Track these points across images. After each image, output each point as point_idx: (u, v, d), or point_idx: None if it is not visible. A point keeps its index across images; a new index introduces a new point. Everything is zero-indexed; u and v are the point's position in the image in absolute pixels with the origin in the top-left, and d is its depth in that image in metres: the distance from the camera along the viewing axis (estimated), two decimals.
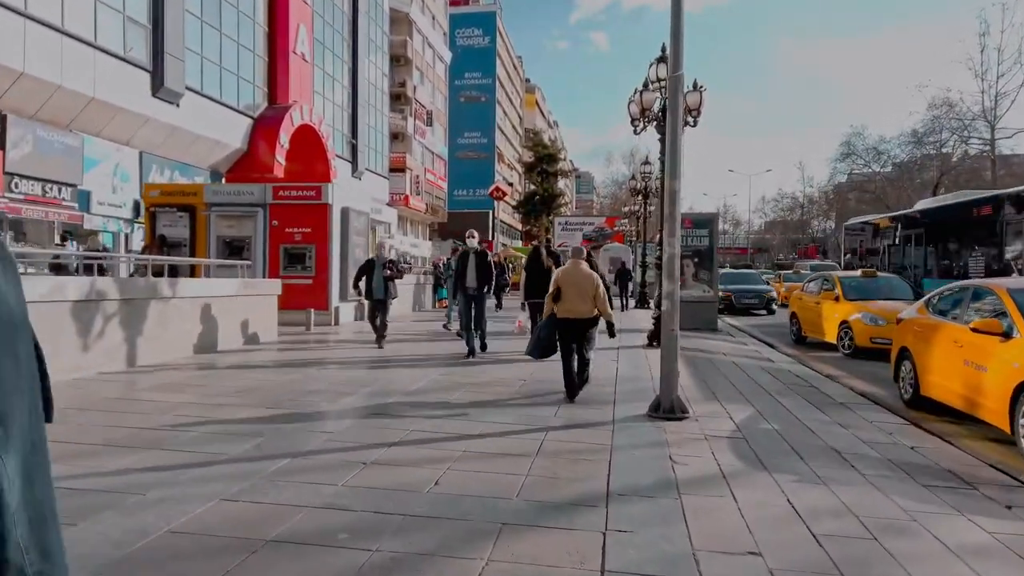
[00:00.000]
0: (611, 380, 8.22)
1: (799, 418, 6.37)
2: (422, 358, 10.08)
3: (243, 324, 10.56)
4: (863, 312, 11.53)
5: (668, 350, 6.24)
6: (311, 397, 6.77)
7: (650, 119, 11.73)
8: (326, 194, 13.60)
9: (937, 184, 58.52)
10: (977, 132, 44.24)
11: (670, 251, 6.26)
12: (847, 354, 11.70)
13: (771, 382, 8.50)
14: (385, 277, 10.87)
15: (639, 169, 23.32)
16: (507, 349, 11.05)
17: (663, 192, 11.95)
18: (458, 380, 7.98)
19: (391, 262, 11.13)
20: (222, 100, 25.98)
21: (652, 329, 11.93)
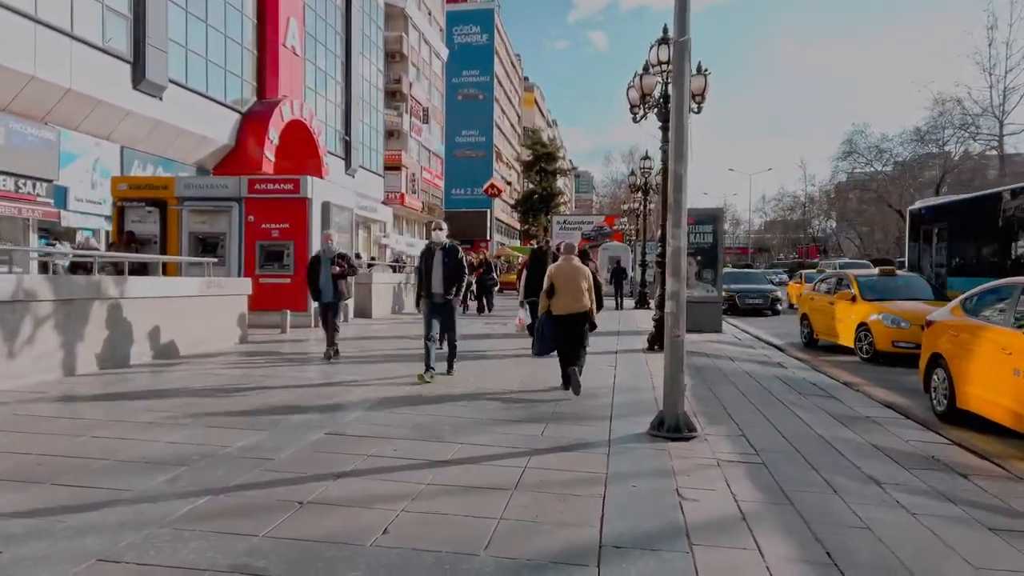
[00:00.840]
0: (607, 390, 7.37)
1: (822, 436, 5.51)
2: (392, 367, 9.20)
3: (206, 327, 9.70)
4: (883, 313, 10.62)
5: (672, 358, 5.39)
6: (260, 412, 5.91)
7: (651, 105, 10.88)
8: (305, 188, 12.75)
9: (940, 183, 57.84)
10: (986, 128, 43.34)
11: (675, 244, 5.41)
12: (865, 359, 10.83)
13: (785, 391, 7.64)
14: (334, 275, 9.31)
15: (639, 165, 22.47)
16: (502, 348, 10.20)
17: (665, 183, 11.10)
18: (433, 391, 7.13)
19: (341, 256, 9.48)
20: (208, 94, 25.13)
21: (653, 332, 11.08)
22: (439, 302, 7.90)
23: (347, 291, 9.61)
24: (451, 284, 7.89)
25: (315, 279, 9.35)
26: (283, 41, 29.29)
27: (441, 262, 7.86)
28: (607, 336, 13.18)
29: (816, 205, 75.73)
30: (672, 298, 5.41)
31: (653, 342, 10.94)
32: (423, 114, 53.27)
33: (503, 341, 12.00)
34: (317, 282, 9.33)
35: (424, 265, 8.00)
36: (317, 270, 9.37)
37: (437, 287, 7.87)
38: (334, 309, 9.39)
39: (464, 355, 9.76)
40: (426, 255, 8.02)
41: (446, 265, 7.86)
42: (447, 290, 7.88)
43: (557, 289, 7.26)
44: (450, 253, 7.95)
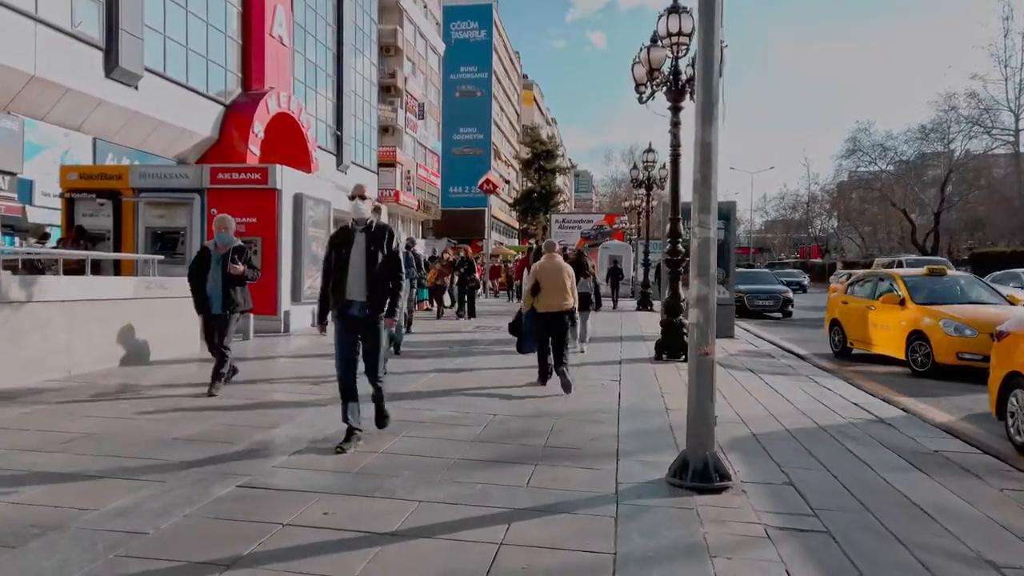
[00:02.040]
0: (611, 413, 6.11)
1: (894, 485, 4.25)
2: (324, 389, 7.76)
3: (149, 334, 8.43)
4: (944, 320, 9.13)
5: (699, 383, 4.14)
6: (163, 450, 4.66)
7: (659, 82, 9.62)
8: (274, 178, 11.48)
9: (945, 181, 56.70)
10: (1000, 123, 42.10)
11: (703, 235, 4.15)
12: (920, 372, 9.32)
13: (825, 414, 6.38)
14: (228, 275, 6.71)
15: (641, 158, 21.20)
16: (489, 362, 8.96)
17: (675, 172, 9.87)
18: (399, 417, 5.86)
19: (237, 251, 6.85)
20: (189, 84, 23.86)
21: (660, 338, 9.83)
22: (358, 317, 4.88)
23: (244, 300, 6.96)
24: (379, 289, 4.91)
25: (200, 282, 6.75)
26: (269, 31, 28.03)
27: (364, 252, 4.88)
28: (609, 343, 11.93)
29: (818, 204, 74.68)
30: (699, 305, 4.15)
31: (661, 350, 9.69)
32: (419, 110, 52.00)
33: (495, 353, 10.74)
34: (203, 286, 6.74)
35: (336, 256, 4.98)
36: (204, 269, 6.78)
37: (356, 291, 4.87)
38: (222, 325, 6.79)
39: (444, 368, 8.51)
40: (339, 241, 5.02)
41: (371, 256, 4.87)
42: (373, 299, 4.88)
43: (542, 287, 7.37)
44: (377, 237, 4.93)
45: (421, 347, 10.70)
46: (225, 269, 6.68)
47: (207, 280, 6.73)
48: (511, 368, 8.66)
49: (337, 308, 4.90)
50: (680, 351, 9.61)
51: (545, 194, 65.93)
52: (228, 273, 6.69)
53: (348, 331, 4.91)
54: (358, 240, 4.91)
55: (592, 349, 10.95)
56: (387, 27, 46.85)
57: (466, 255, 17.84)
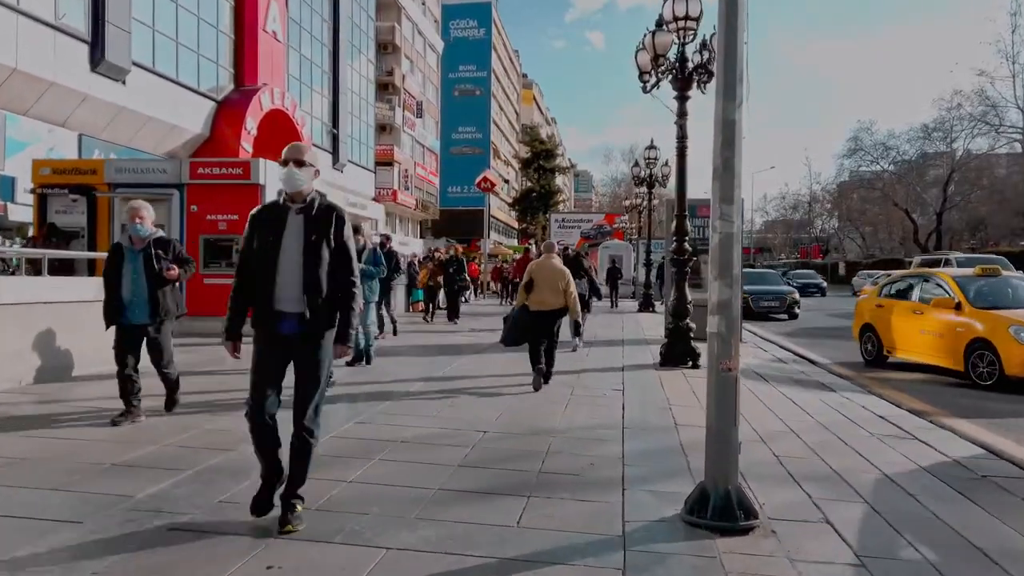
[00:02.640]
0: (615, 429, 5.48)
1: (945, 521, 3.63)
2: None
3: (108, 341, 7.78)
4: (1015, 326, 8.05)
5: (721, 405, 3.52)
6: (96, 480, 4.03)
7: (664, 70, 9.01)
8: (256, 172, 10.87)
9: (947, 181, 56.15)
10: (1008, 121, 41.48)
11: (726, 229, 3.53)
12: (985, 385, 8.23)
13: (848, 428, 5.76)
14: (156, 275, 5.41)
15: (643, 155, 20.57)
16: (486, 368, 8.33)
17: (681, 164, 9.25)
18: (376, 435, 5.24)
19: (160, 244, 5.51)
20: (179, 80, 23.26)
21: (666, 344, 9.20)
22: (290, 335, 3.38)
23: (177, 305, 5.71)
24: (323, 297, 3.38)
25: (114, 285, 5.39)
26: (263, 26, 27.45)
27: (301, 242, 3.36)
28: (610, 347, 11.32)
29: (819, 204, 74.16)
30: (720, 311, 3.53)
31: (667, 356, 9.07)
32: (417, 108, 51.38)
33: (488, 360, 10.11)
34: (118, 290, 5.37)
35: (259, 246, 3.42)
36: (118, 270, 5.40)
37: (289, 298, 3.35)
38: (154, 342, 5.54)
39: (432, 376, 7.89)
40: (264, 222, 3.46)
41: (312, 249, 3.36)
42: (315, 311, 3.36)
43: (536, 285, 7.44)
44: (320, 222, 3.39)
45: (409, 352, 10.09)
46: (148, 268, 5.37)
47: (122, 283, 5.34)
48: (505, 375, 8.04)
49: (258, 316, 3.37)
50: (687, 357, 9.00)
51: (544, 193, 65.32)
52: (163, 274, 5.41)
53: (273, 353, 3.35)
54: (293, 224, 3.34)
55: (593, 354, 10.35)
56: (385, 24, 46.23)
57: (455, 254, 16.89)
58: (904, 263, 51.90)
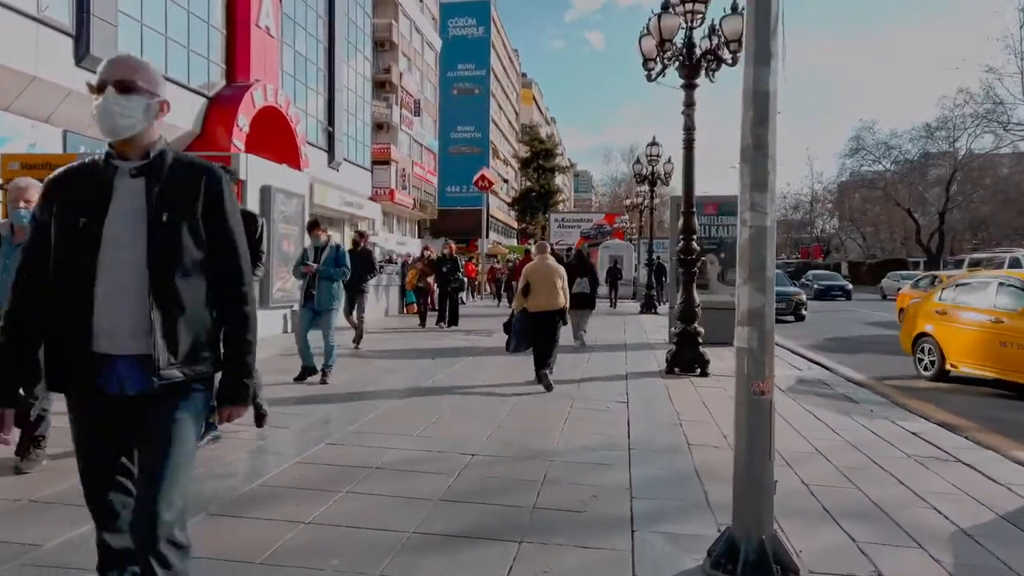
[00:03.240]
0: (620, 450, 4.86)
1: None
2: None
3: None
4: None
5: (753, 436, 2.91)
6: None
7: (671, 56, 8.39)
8: (237, 167, 10.24)
9: (950, 180, 55.59)
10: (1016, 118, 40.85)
11: (758, 222, 2.90)
12: None
13: (889, 454, 5.14)
14: None
15: (645, 152, 19.94)
16: (479, 380, 7.71)
17: (689, 155, 8.63)
18: (347, 460, 4.62)
19: None
20: (168, 75, 22.56)
21: (673, 350, 8.58)
22: (126, 396, 1.95)
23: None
24: (187, 324, 1.98)
25: None
26: (256, 20, 26.84)
27: (141, 220, 1.95)
28: (612, 351, 10.71)
29: (820, 204, 73.63)
30: (751, 321, 2.91)
31: (674, 363, 8.45)
32: (414, 106, 50.75)
33: (484, 367, 9.49)
34: None
35: (65, 230, 1.95)
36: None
37: (119, 327, 1.90)
38: None
39: (419, 387, 7.26)
40: (70, 192, 2.00)
41: (164, 233, 1.94)
42: (171, 341, 1.94)
43: (533, 287, 7.43)
44: (178, 187, 2.00)
45: (397, 359, 9.45)
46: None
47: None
48: (500, 384, 7.43)
49: (66, 372, 1.96)
50: (695, 364, 8.39)
51: (544, 193, 64.79)
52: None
53: (99, 427, 2.00)
54: (125, 195, 1.97)
55: (594, 359, 9.74)
56: (382, 21, 45.62)
57: (449, 252, 14.97)
58: (908, 263, 51.39)
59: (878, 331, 16.08)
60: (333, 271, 7.28)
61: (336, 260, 7.31)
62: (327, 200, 35.41)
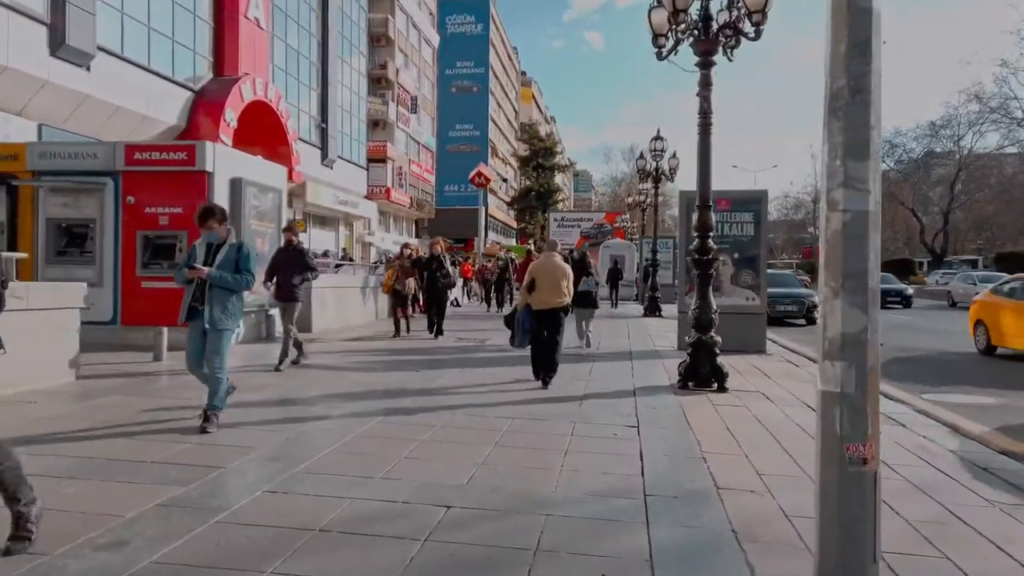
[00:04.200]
0: (633, 498, 3.88)
1: None
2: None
3: None
4: None
5: (849, 525, 1.93)
6: None
7: (685, 30, 7.42)
8: (203, 157, 9.26)
9: (955, 179, 54.70)
10: None
11: (856, 206, 1.93)
12: None
13: (967, 501, 4.18)
14: None
15: (649, 147, 18.94)
16: (458, 404, 6.74)
17: (705, 139, 7.66)
18: (287, 518, 3.64)
19: None
20: (151, 67, 21.68)
21: (687, 361, 7.59)
22: None
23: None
24: None
25: None
26: (244, 12, 25.92)
27: None
28: (616, 361, 9.74)
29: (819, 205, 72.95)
30: (846, 355, 1.92)
31: (688, 377, 7.47)
32: (411, 103, 49.76)
33: (472, 380, 8.51)
34: None
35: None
36: None
37: None
38: None
39: (395, 409, 6.26)
40: None
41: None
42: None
43: (538, 284, 7.44)
44: None
45: (374, 372, 8.39)
46: None
47: None
48: (493, 405, 6.44)
49: None
50: (712, 378, 7.42)
51: (543, 192, 63.87)
52: None
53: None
54: None
55: (597, 371, 8.77)
56: (378, 16, 44.66)
57: (440, 250, 12.89)
58: (913, 263, 50.46)
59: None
60: (232, 278, 5.18)
61: (236, 263, 5.25)
62: (320, 198, 34.44)
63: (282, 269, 8.56)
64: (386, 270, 12.84)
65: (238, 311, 5.34)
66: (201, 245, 5.32)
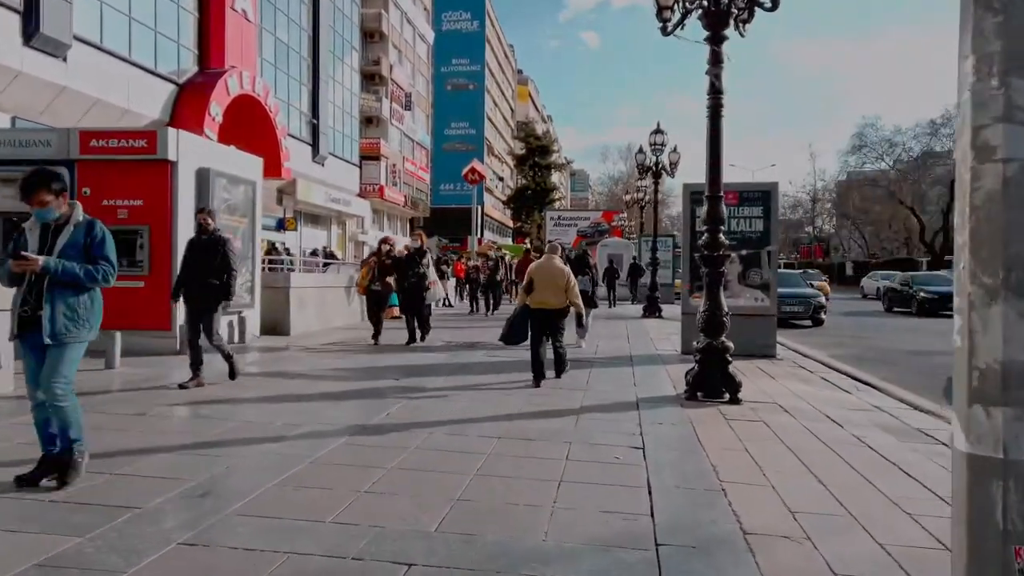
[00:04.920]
0: (642, 549, 3.13)
1: None
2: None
3: None
4: None
5: None
6: None
7: (695, 2, 6.66)
8: (165, 145, 8.48)
9: (954, 179, 54.17)
10: None
11: (1019, 153, 1.18)
12: None
13: None
14: None
15: (649, 140, 18.18)
16: (438, 419, 5.98)
17: (715, 122, 6.91)
18: None
19: None
20: (132, 59, 20.90)
21: (696, 369, 6.83)
22: None
23: None
24: None
25: None
26: (231, 3, 25.16)
27: None
28: (616, 366, 8.99)
29: (818, 204, 72.36)
30: (1009, 397, 1.17)
31: (697, 387, 6.71)
32: (405, 100, 48.96)
33: (459, 388, 7.75)
34: None
35: None
36: None
37: None
38: None
39: (364, 427, 5.48)
40: None
41: None
42: None
43: (536, 285, 7.53)
44: None
45: (348, 382, 7.55)
46: None
47: None
48: (477, 421, 5.67)
49: None
50: (722, 388, 6.66)
51: (540, 191, 63.13)
52: None
53: None
54: None
55: (595, 378, 8.02)
56: (370, 11, 43.85)
57: (420, 245, 11.23)
58: (917, 263, 49.85)
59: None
60: (83, 270, 3.77)
61: (88, 249, 3.84)
62: (311, 196, 33.63)
63: (190, 265, 6.92)
64: (360, 268, 11.09)
65: (93, 315, 3.90)
66: (33, 227, 3.90)
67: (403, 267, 10.74)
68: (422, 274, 10.52)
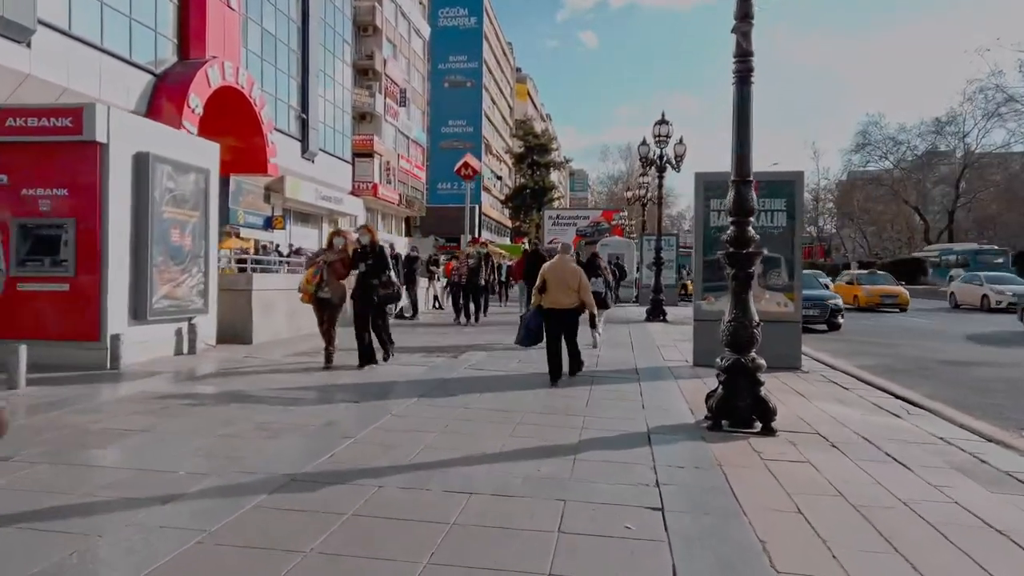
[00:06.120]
0: None
1: None
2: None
3: None
4: None
5: None
6: None
7: None
8: (92, 124, 7.22)
9: (960, 177, 53.00)
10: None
11: None
12: None
13: None
14: None
15: (653, 131, 16.94)
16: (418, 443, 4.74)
17: (740, 110, 5.65)
18: None
19: None
20: (104, 47, 19.69)
21: (720, 392, 5.58)
22: None
23: None
24: None
25: None
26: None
27: None
28: (620, 382, 7.73)
29: (820, 203, 71.37)
30: None
31: (722, 414, 5.46)
32: (400, 96, 47.70)
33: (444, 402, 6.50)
34: None
35: None
36: None
37: None
38: None
39: (283, 485, 4.21)
40: None
41: None
42: None
43: (548, 285, 7.59)
44: None
45: (292, 407, 6.19)
46: None
47: None
48: (449, 464, 4.42)
49: None
50: (752, 414, 5.42)
51: (538, 190, 62.00)
52: None
53: None
54: None
55: (596, 397, 6.79)
56: (364, 3, 42.66)
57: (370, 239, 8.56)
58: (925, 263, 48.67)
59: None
60: None
61: None
62: (300, 193, 32.36)
63: None
64: (305, 269, 8.43)
65: None
66: None
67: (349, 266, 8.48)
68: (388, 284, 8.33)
